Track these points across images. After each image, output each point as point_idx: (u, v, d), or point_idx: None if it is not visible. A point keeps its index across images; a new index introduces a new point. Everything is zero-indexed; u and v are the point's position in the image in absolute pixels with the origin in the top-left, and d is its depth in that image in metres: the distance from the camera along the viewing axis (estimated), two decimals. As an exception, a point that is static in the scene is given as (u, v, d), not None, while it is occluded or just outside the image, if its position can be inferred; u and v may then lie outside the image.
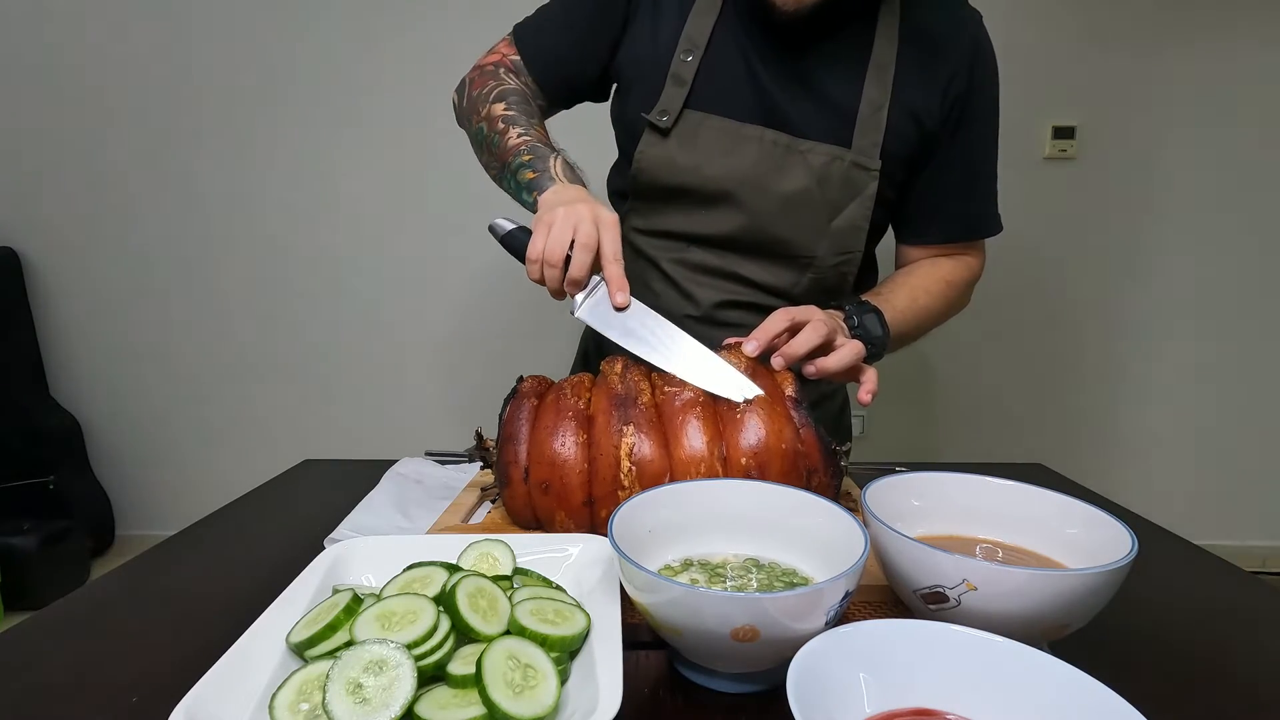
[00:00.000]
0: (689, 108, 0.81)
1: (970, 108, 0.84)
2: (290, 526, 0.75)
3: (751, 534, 0.54)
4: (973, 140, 0.86)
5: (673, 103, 0.81)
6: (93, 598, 0.61)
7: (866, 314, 0.77)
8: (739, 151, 0.81)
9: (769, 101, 0.81)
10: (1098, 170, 2.04)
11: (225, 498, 0.83)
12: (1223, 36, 1.97)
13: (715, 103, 0.82)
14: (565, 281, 0.68)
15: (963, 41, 0.82)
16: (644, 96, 0.83)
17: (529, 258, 0.68)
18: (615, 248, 0.68)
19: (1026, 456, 1.19)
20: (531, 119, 0.84)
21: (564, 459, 0.62)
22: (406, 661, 0.39)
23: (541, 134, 0.83)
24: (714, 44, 0.81)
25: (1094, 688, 0.35)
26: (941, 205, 0.89)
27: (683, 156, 0.82)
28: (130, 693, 0.47)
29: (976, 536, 0.56)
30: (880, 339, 0.77)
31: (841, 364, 0.67)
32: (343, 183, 2.07)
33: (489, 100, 0.85)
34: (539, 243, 0.68)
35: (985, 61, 0.84)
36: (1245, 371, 2.14)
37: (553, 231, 0.67)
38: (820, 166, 0.81)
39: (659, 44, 0.82)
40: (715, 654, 0.44)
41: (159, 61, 2.00)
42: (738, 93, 0.81)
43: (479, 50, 0.94)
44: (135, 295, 2.13)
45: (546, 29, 0.89)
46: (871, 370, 0.70)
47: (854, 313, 0.77)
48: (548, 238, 0.67)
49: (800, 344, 0.66)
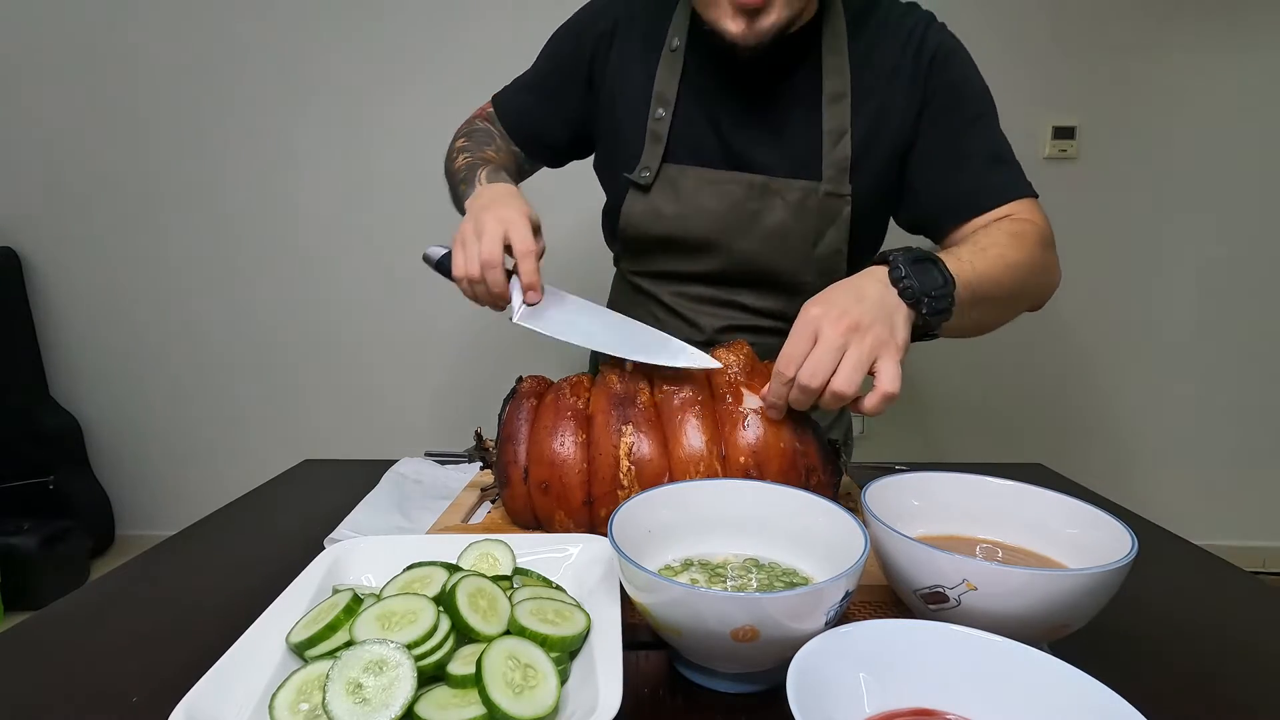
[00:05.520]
0: (667, 161, 0.85)
1: (935, 107, 0.82)
2: (290, 526, 0.75)
3: (751, 534, 0.54)
4: (954, 130, 0.82)
5: (652, 159, 0.85)
6: (93, 598, 0.61)
7: (917, 264, 0.61)
8: (718, 197, 0.84)
9: (739, 147, 0.84)
10: (1098, 170, 2.04)
11: (225, 498, 0.83)
12: (1223, 36, 1.97)
13: (691, 154, 0.85)
14: (494, 299, 0.68)
15: (912, 48, 0.82)
16: (624, 157, 0.87)
17: (455, 279, 0.69)
18: (523, 244, 0.66)
19: (1026, 457, 1.19)
20: (484, 146, 0.89)
21: (563, 459, 0.62)
22: (406, 661, 0.38)
23: (488, 155, 0.87)
24: (682, 99, 0.85)
25: (1094, 688, 0.35)
26: (946, 189, 0.83)
27: (667, 208, 0.85)
28: (130, 693, 0.47)
29: (976, 536, 0.56)
30: (942, 291, 0.61)
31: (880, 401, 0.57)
32: (343, 183, 2.07)
33: (454, 139, 0.93)
34: (458, 262, 0.68)
35: (944, 59, 0.82)
36: (1245, 371, 2.14)
37: (466, 248, 0.67)
38: (796, 202, 0.83)
39: (631, 105, 0.86)
40: (715, 654, 0.44)
41: (159, 61, 2.00)
42: (710, 142, 0.85)
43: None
44: (135, 295, 2.13)
45: (520, 95, 0.95)
46: (887, 370, 0.57)
47: (900, 263, 0.61)
48: (464, 255, 0.67)
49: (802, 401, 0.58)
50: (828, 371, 0.56)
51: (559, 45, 0.94)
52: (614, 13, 0.89)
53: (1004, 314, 0.76)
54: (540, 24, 0.99)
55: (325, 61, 2.00)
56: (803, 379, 0.56)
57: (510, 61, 1.05)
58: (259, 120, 2.03)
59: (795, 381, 0.57)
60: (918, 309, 0.60)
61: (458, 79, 1.94)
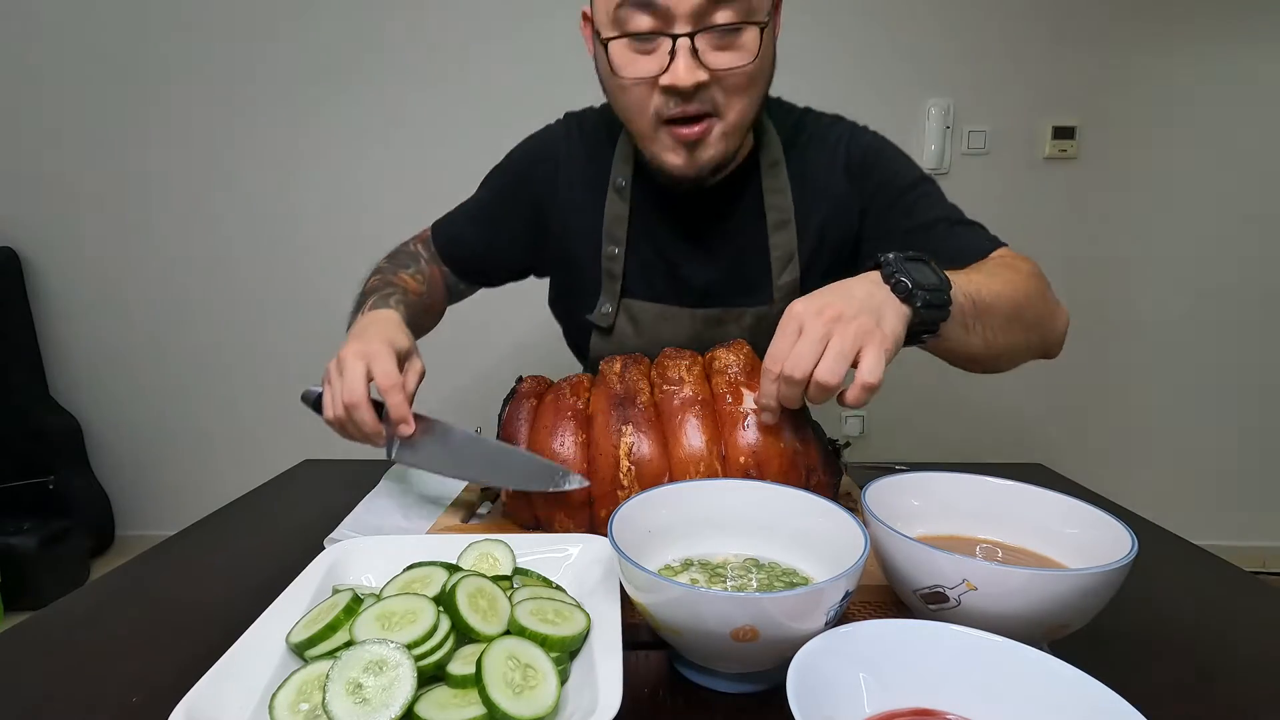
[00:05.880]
0: (625, 297, 0.87)
1: (877, 206, 0.83)
2: (290, 526, 0.75)
3: (751, 534, 0.54)
4: (906, 212, 0.81)
5: (610, 297, 0.87)
6: (93, 598, 0.61)
7: (910, 261, 0.60)
8: (676, 329, 0.86)
9: (692, 282, 0.86)
10: (1098, 170, 2.04)
11: (225, 498, 0.83)
12: (1223, 36, 1.97)
13: (646, 290, 0.87)
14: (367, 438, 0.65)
15: (840, 161, 0.84)
16: (580, 294, 0.89)
17: (327, 421, 0.66)
18: (386, 378, 0.63)
19: (1026, 456, 1.19)
20: (402, 269, 0.89)
21: (563, 459, 0.62)
22: (406, 661, 0.38)
23: (399, 279, 0.87)
24: (632, 236, 0.86)
25: (1094, 688, 0.35)
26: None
27: (630, 341, 0.87)
28: (130, 693, 0.47)
29: (976, 536, 0.55)
30: (937, 287, 0.59)
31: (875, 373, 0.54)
32: (344, 183, 2.07)
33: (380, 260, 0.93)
34: (325, 404, 0.66)
35: (872, 162, 0.84)
36: (1245, 371, 2.14)
37: (332, 389, 0.65)
38: (750, 325, 0.85)
39: (584, 243, 0.87)
40: (715, 654, 0.44)
41: (160, 61, 2.00)
42: (662, 279, 0.87)
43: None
44: (135, 295, 2.13)
45: (458, 223, 0.95)
46: (868, 359, 0.54)
47: (893, 261, 0.60)
48: (330, 396, 0.65)
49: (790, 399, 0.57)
50: (811, 362, 0.54)
51: (500, 179, 0.94)
52: (554, 152, 0.90)
53: (1012, 336, 0.70)
54: (542, 24, 0.99)
55: (327, 61, 2.00)
56: (787, 370, 0.54)
57: (511, 61, 1.05)
58: (259, 120, 2.03)
59: (780, 375, 0.55)
60: (911, 303, 0.58)
61: (459, 79, 1.95)
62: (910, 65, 1.98)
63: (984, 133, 2.00)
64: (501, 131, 1.04)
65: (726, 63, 0.70)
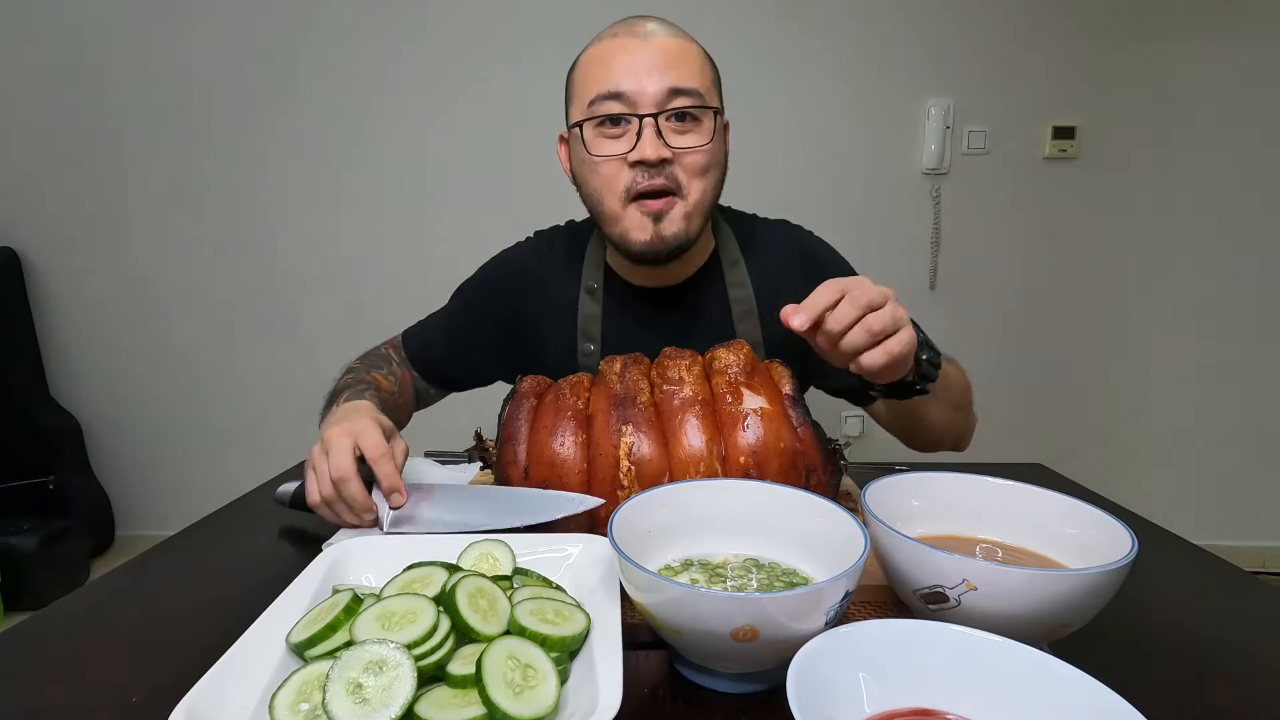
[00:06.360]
0: None
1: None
2: (290, 527, 0.75)
3: (751, 534, 0.54)
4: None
5: None
6: (93, 598, 0.61)
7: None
8: None
9: None
10: (1098, 170, 2.04)
11: (225, 498, 0.83)
12: (1223, 36, 1.97)
13: None
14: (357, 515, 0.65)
15: (795, 257, 0.92)
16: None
17: (312, 508, 0.66)
18: (375, 449, 0.64)
19: (1026, 456, 1.19)
20: (374, 369, 0.91)
21: (563, 459, 0.62)
22: (406, 661, 0.38)
23: (371, 378, 0.89)
24: (606, 334, 0.90)
25: (1094, 688, 0.35)
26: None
27: None
28: (130, 693, 0.47)
29: (976, 536, 0.55)
30: (935, 349, 0.67)
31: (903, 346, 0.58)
32: (344, 183, 2.07)
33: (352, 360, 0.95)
34: (311, 488, 0.65)
35: (827, 259, 0.94)
36: (1245, 372, 2.14)
37: (317, 469, 0.65)
38: None
39: (560, 341, 0.91)
40: (715, 654, 0.44)
41: (160, 62, 2.00)
42: None
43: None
44: (135, 295, 2.13)
45: (430, 331, 0.99)
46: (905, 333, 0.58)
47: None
48: (316, 478, 0.65)
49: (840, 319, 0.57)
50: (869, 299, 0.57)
51: (473, 289, 0.98)
52: (526, 264, 0.95)
53: (949, 417, 0.83)
54: (540, 24, 0.99)
55: (329, 64, 2.00)
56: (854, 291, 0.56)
57: (512, 62, 1.05)
58: (260, 121, 2.03)
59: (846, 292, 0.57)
60: (919, 350, 0.63)
61: (462, 80, 1.95)
62: (910, 65, 1.98)
63: (984, 133, 2.00)
64: (503, 132, 1.04)
65: (686, 143, 0.78)
